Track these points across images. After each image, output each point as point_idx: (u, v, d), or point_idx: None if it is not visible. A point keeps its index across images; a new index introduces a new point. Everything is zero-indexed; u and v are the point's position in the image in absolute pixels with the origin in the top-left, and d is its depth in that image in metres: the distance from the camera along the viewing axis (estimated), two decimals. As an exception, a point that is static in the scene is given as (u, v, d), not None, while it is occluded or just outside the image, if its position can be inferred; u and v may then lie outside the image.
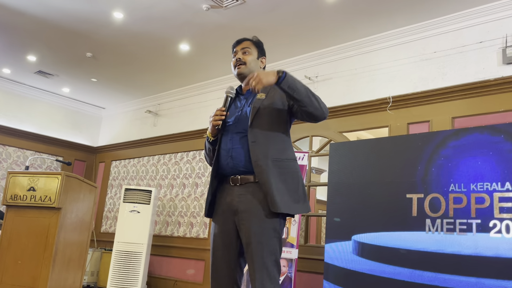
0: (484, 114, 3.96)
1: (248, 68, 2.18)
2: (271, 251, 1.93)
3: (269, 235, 1.95)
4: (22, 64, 6.45)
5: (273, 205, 1.93)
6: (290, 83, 1.93)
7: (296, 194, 2.02)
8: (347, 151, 4.13)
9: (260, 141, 2.02)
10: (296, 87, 1.93)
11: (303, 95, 1.95)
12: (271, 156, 2.00)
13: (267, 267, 1.90)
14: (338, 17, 4.52)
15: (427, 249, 3.39)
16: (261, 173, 1.97)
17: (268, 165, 1.98)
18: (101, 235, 7.50)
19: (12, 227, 3.67)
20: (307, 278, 4.69)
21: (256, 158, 1.99)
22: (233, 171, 2.06)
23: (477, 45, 4.13)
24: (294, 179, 2.04)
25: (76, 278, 3.87)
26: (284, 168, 2.02)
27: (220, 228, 2.07)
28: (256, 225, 1.95)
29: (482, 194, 3.27)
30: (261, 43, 2.30)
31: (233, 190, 2.05)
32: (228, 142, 2.09)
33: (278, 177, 1.98)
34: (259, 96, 2.12)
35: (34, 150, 7.48)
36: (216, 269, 2.04)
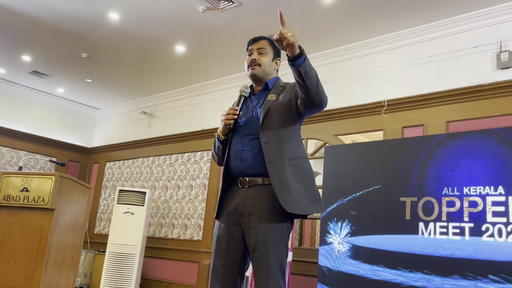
0: (478, 119, 3.98)
1: (262, 70, 2.12)
2: (277, 256, 1.91)
3: (276, 240, 1.91)
4: (16, 64, 6.42)
5: (290, 205, 1.89)
6: (307, 68, 1.83)
7: (312, 194, 1.99)
8: (342, 154, 4.14)
9: (273, 142, 1.98)
10: (311, 73, 1.84)
11: (314, 83, 1.87)
12: (286, 156, 1.97)
13: (273, 272, 1.88)
14: (334, 20, 4.53)
15: (420, 252, 3.40)
16: (277, 174, 1.93)
17: (284, 165, 1.94)
18: (95, 236, 7.46)
19: (5, 228, 3.64)
20: (301, 281, 4.68)
21: (270, 159, 1.95)
22: (241, 173, 2.02)
23: (472, 49, 4.16)
24: (310, 178, 2.01)
25: (69, 280, 3.84)
26: (299, 167, 1.99)
27: (225, 229, 2.03)
28: (263, 229, 1.92)
29: (475, 198, 3.28)
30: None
31: (241, 192, 2.02)
32: (238, 144, 2.06)
33: (295, 177, 1.95)
34: (269, 98, 2.08)
35: (28, 150, 7.44)
36: (217, 270, 2.00)
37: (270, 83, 2.16)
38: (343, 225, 3.89)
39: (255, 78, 2.15)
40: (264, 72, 2.13)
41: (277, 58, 2.21)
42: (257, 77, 2.14)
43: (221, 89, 6.22)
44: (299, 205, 1.92)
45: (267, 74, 2.15)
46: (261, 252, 1.89)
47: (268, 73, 2.15)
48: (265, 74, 2.14)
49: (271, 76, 2.18)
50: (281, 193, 1.90)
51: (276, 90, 2.11)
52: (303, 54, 1.80)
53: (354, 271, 3.70)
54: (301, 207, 1.92)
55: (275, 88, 2.13)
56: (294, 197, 1.91)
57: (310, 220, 6.62)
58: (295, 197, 1.91)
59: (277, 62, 2.21)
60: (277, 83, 2.17)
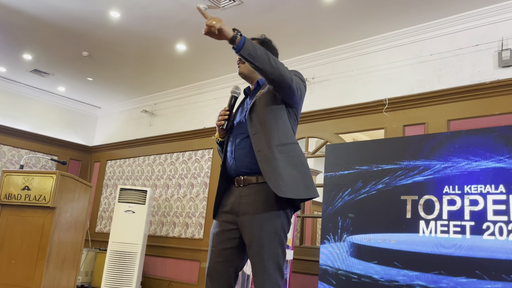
0: (479, 117, 3.98)
1: (247, 67, 2.12)
2: (272, 254, 1.89)
3: (270, 238, 1.90)
4: (17, 63, 6.42)
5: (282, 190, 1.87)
6: (250, 50, 1.82)
7: (306, 178, 1.97)
8: (343, 152, 4.14)
9: (261, 132, 1.97)
10: (256, 54, 1.83)
11: (265, 62, 1.85)
12: (274, 143, 1.95)
13: (267, 270, 1.87)
14: (335, 18, 4.52)
15: (421, 251, 3.40)
16: (266, 161, 1.92)
17: (274, 152, 1.92)
18: (96, 235, 7.47)
19: (6, 226, 3.65)
20: (302, 280, 4.69)
21: (259, 148, 1.95)
22: (236, 172, 2.04)
23: (473, 48, 4.15)
24: (302, 163, 2.00)
25: (70, 278, 3.85)
26: (290, 152, 1.97)
27: (220, 228, 2.04)
28: (257, 228, 1.91)
29: (476, 196, 3.28)
30: (267, 41, 2.23)
31: (237, 191, 2.03)
32: (231, 144, 2.09)
33: (286, 161, 1.93)
34: (259, 94, 2.09)
35: (29, 149, 7.44)
36: (212, 268, 2.01)
37: (262, 81, 2.18)
38: (344, 224, 3.89)
39: (243, 76, 2.19)
40: (250, 69, 2.13)
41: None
42: (243, 74, 2.17)
43: (221, 87, 6.21)
44: (292, 189, 1.90)
45: (253, 71, 2.14)
46: (255, 251, 1.89)
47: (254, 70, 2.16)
48: (250, 71, 2.15)
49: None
50: (271, 179, 1.89)
51: (265, 85, 2.13)
52: (240, 37, 1.81)
53: (355, 269, 3.70)
54: (294, 191, 1.90)
55: (266, 84, 2.13)
56: (286, 182, 1.89)
57: (311, 219, 6.62)
58: (286, 182, 1.89)
59: None
60: None
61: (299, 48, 5.21)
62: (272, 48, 2.24)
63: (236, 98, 2.17)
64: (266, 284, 1.86)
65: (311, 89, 5.23)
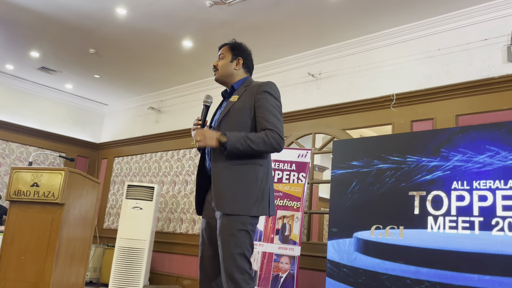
0: (488, 112, 3.94)
1: (220, 74, 2.28)
2: (238, 243, 2.00)
3: (237, 227, 2.02)
4: (25, 60, 6.46)
5: (219, 205, 2.03)
6: (234, 152, 2.02)
7: (253, 197, 2.06)
8: (350, 148, 4.13)
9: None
10: (240, 151, 2.03)
11: (248, 153, 2.05)
12: (230, 160, 2.07)
13: (234, 258, 1.98)
14: (341, 14, 4.50)
15: (429, 247, 3.39)
16: (215, 174, 2.07)
17: (226, 167, 2.07)
18: (104, 231, 7.52)
19: (16, 222, 3.68)
20: (309, 276, 4.69)
21: (215, 160, 2.09)
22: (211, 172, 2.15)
23: (481, 42, 4.11)
24: (254, 182, 2.09)
25: (79, 274, 3.88)
26: (243, 171, 2.08)
27: (206, 224, 2.21)
28: (225, 219, 2.04)
29: (484, 192, 3.26)
30: (237, 44, 2.33)
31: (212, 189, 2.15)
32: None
33: (235, 179, 2.06)
34: (232, 99, 2.20)
35: (37, 146, 7.49)
36: (203, 261, 2.19)
37: (236, 85, 2.28)
38: (352, 220, 3.88)
39: (218, 81, 2.33)
40: (223, 75, 2.29)
41: (237, 58, 2.31)
42: (219, 80, 2.32)
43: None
44: (232, 205, 2.02)
45: (228, 76, 2.29)
46: (223, 241, 2.01)
47: (229, 74, 2.29)
48: (225, 76, 2.29)
49: (236, 77, 2.30)
50: (215, 193, 2.05)
51: (239, 91, 2.23)
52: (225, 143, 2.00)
53: (363, 265, 3.70)
54: (233, 208, 2.02)
55: (239, 89, 2.24)
56: (227, 198, 2.03)
57: (318, 215, 6.61)
58: (227, 198, 2.03)
59: (238, 62, 2.31)
60: (244, 83, 2.27)
61: (305, 44, 5.19)
62: (243, 50, 2.34)
63: (208, 107, 2.27)
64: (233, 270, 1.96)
65: (317, 85, 5.22)
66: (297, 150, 4.58)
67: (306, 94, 5.33)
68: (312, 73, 5.23)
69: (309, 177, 4.92)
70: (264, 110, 2.12)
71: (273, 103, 2.15)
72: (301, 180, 4.38)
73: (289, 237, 4.25)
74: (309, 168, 4.46)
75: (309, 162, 4.47)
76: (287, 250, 4.20)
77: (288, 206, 4.34)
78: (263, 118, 2.11)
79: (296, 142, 5.30)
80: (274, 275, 4.18)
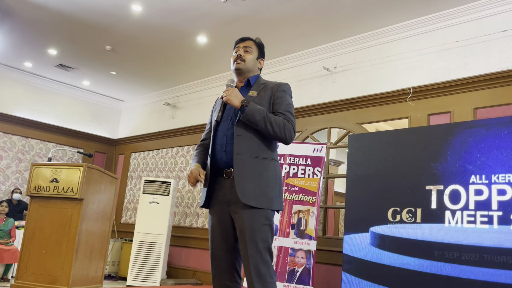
0: (507, 105, 3.87)
1: (246, 66, 2.27)
2: (263, 237, 2.04)
3: (262, 222, 2.05)
4: (43, 58, 6.56)
5: (245, 197, 2.03)
6: (249, 117, 2.09)
7: (272, 191, 2.11)
8: (366, 143, 4.10)
9: (245, 136, 2.12)
10: (255, 120, 2.09)
11: (262, 127, 2.10)
12: (253, 152, 2.11)
13: (260, 252, 2.01)
14: (356, 6, 4.46)
15: (447, 241, 3.35)
16: (241, 166, 2.08)
17: (249, 160, 2.09)
18: (122, 225, 7.62)
19: (36, 217, 3.76)
20: (325, 270, 4.69)
21: (238, 151, 2.10)
22: (227, 164, 2.14)
23: (500, 33, 4.03)
24: (273, 177, 2.13)
25: (98, 268, 3.95)
26: (264, 165, 2.12)
27: (216, 219, 2.17)
28: (249, 213, 2.04)
29: (503, 186, 3.21)
30: (262, 45, 2.39)
31: (227, 182, 2.14)
32: (222, 138, 2.19)
33: (257, 172, 2.09)
34: (250, 93, 2.22)
35: (56, 142, 7.62)
36: (216, 257, 2.15)
37: (252, 80, 2.31)
38: (368, 214, 3.86)
39: (239, 72, 2.29)
40: (248, 68, 2.28)
41: (261, 58, 2.36)
42: (241, 71, 2.28)
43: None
44: (256, 198, 2.05)
45: (250, 71, 2.30)
46: (248, 235, 2.02)
47: (251, 69, 2.30)
48: (248, 70, 2.29)
49: (253, 74, 2.32)
50: (240, 184, 2.05)
51: (257, 87, 2.26)
52: (245, 107, 2.10)
53: (379, 260, 3.68)
54: (258, 200, 2.05)
55: (257, 85, 2.27)
56: (253, 191, 2.05)
57: (333, 209, 6.59)
58: (253, 191, 2.05)
59: (261, 62, 2.37)
60: (258, 80, 2.31)
61: (320, 38, 5.16)
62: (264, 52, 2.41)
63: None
64: (259, 264, 2.00)
65: (332, 79, 5.19)
66: (312, 145, 4.56)
67: (321, 88, 5.31)
68: (327, 67, 5.20)
69: (325, 172, 4.90)
70: (284, 102, 2.21)
71: (291, 103, 2.25)
72: (316, 175, 4.37)
73: (304, 232, 4.25)
74: (324, 162, 4.45)
75: (325, 156, 4.46)
76: (303, 244, 4.21)
77: (303, 200, 4.34)
78: (281, 107, 2.19)
79: (311, 137, 5.29)
80: (290, 269, 4.20)
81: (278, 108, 2.19)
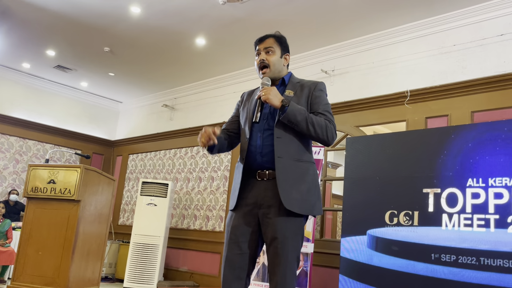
0: (504, 108, 3.89)
1: (273, 71, 2.15)
2: (295, 247, 1.97)
3: (295, 232, 1.98)
4: (41, 59, 6.56)
5: (290, 203, 1.95)
6: (290, 118, 1.99)
7: (314, 196, 2.04)
8: (363, 145, 4.11)
9: (285, 138, 2.03)
10: (296, 121, 1.99)
11: (303, 128, 2.01)
12: (294, 156, 2.03)
13: (290, 262, 1.94)
14: (355, 9, 4.47)
15: (443, 244, 3.36)
16: (284, 170, 1.99)
17: (291, 163, 2.01)
18: (119, 227, 7.61)
19: (33, 219, 3.74)
20: (323, 272, 4.69)
21: (280, 154, 2.01)
22: (261, 166, 2.06)
23: (498, 37, 4.05)
24: (314, 181, 2.07)
25: (95, 269, 3.94)
26: (304, 169, 2.04)
27: (240, 221, 2.05)
28: (282, 221, 1.96)
29: (500, 189, 3.21)
30: (284, 38, 2.24)
31: (260, 184, 2.05)
32: (258, 139, 2.09)
33: (299, 176, 2.01)
34: (287, 93, 2.12)
35: (54, 143, 7.61)
36: (231, 259, 2.02)
37: (286, 78, 2.20)
38: (365, 217, 3.86)
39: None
40: (275, 72, 2.16)
41: (285, 53, 2.22)
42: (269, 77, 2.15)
43: (241, 81, 6.22)
44: (299, 204, 1.98)
45: (278, 72, 2.17)
46: (280, 242, 1.94)
47: (279, 70, 2.18)
48: (276, 73, 2.17)
49: (283, 72, 2.21)
50: (284, 189, 1.96)
51: (292, 86, 2.16)
52: (287, 106, 1.98)
53: (376, 262, 3.68)
54: (300, 207, 1.98)
55: (291, 84, 2.17)
56: (295, 196, 1.97)
57: (331, 212, 6.60)
58: (296, 196, 1.98)
59: (286, 58, 2.22)
60: (293, 79, 2.21)
61: (318, 40, 5.17)
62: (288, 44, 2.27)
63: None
64: (288, 274, 1.93)
65: (331, 82, 5.20)
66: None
67: (319, 91, 5.31)
68: (325, 70, 5.21)
69: (322, 174, 4.91)
70: (322, 102, 2.12)
71: (328, 103, 2.17)
72: (314, 177, 4.37)
73: (302, 234, 4.25)
74: (322, 165, 4.45)
75: (322, 159, 4.46)
76: (300, 247, 4.20)
77: (301, 203, 4.33)
78: (320, 107, 2.10)
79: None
80: (287, 272, 4.19)
81: (317, 108, 2.09)
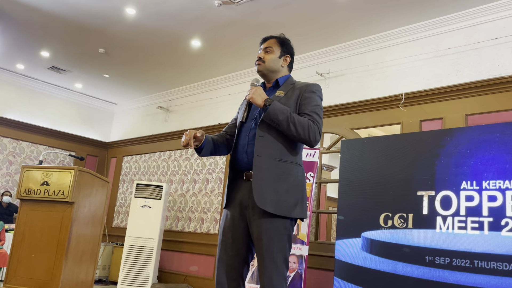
0: (498, 112, 3.91)
1: (265, 67, 2.18)
2: (281, 248, 1.95)
3: (280, 232, 1.96)
4: (35, 60, 6.52)
5: (262, 202, 1.93)
6: (271, 117, 1.98)
7: (293, 197, 2.01)
8: (358, 148, 4.11)
9: (267, 138, 2.02)
10: (278, 120, 1.98)
11: (284, 128, 1.99)
12: (275, 155, 2.01)
13: (276, 262, 1.92)
14: (350, 12, 4.49)
15: (438, 247, 3.37)
16: (260, 169, 1.98)
17: (270, 163, 1.99)
18: (113, 229, 7.57)
19: (26, 220, 3.71)
20: (317, 275, 4.69)
21: (259, 152, 2.00)
22: (247, 166, 2.05)
23: (492, 41, 4.08)
24: (296, 182, 2.03)
25: (89, 272, 3.91)
26: (286, 170, 2.02)
27: (231, 222, 2.06)
28: (268, 221, 1.95)
29: (494, 192, 3.23)
30: (287, 40, 2.28)
31: (246, 185, 2.04)
32: (244, 138, 2.10)
33: (277, 176, 1.99)
34: (277, 93, 2.13)
35: (47, 145, 7.57)
36: (224, 260, 2.04)
37: (281, 81, 2.21)
38: (360, 219, 3.87)
39: (260, 74, 2.22)
40: (268, 69, 2.18)
41: (285, 55, 2.24)
42: (262, 72, 2.20)
43: (236, 83, 6.22)
44: (275, 204, 1.95)
45: (272, 71, 2.19)
46: (265, 244, 1.93)
47: (274, 69, 2.20)
48: (269, 71, 2.19)
49: (279, 73, 2.22)
50: (259, 188, 1.95)
51: (285, 87, 2.16)
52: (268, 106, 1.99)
53: (371, 265, 3.69)
54: (276, 207, 1.95)
55: (285, 86, 2.18)
56: (271, 196, 1.95)
57: (326, 215, 6.60)
58: (271, 196, 1.95)
59: (286, 59, 2.24)
60: (288, 81, 2.22)
61: (314, 43, 5.19)
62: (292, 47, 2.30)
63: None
64: (274, 275, 1.91)
65: (326, 84, 5.21)
66: (305, 150, 4.57)
67: (315, 94, 5.32)
68: (320, 72, 5.22)
69: (317, 177, 4.91)
70: (311, 103, 2.10)
71: (320, 104, 2.14)
72: (309, 180, 4.37)
73: (297, 237, 4.25)
74: (317, 167, 4.45)
75: (317, 161, 4.46)
76: (295, 249, 4.20)
77: (296, 205, 4.33)
78: (308, 108, 2.08)
79: (304, 142, 5.29)
80: (282, 274, 4.18)
81: (304, 108, 2.07)
